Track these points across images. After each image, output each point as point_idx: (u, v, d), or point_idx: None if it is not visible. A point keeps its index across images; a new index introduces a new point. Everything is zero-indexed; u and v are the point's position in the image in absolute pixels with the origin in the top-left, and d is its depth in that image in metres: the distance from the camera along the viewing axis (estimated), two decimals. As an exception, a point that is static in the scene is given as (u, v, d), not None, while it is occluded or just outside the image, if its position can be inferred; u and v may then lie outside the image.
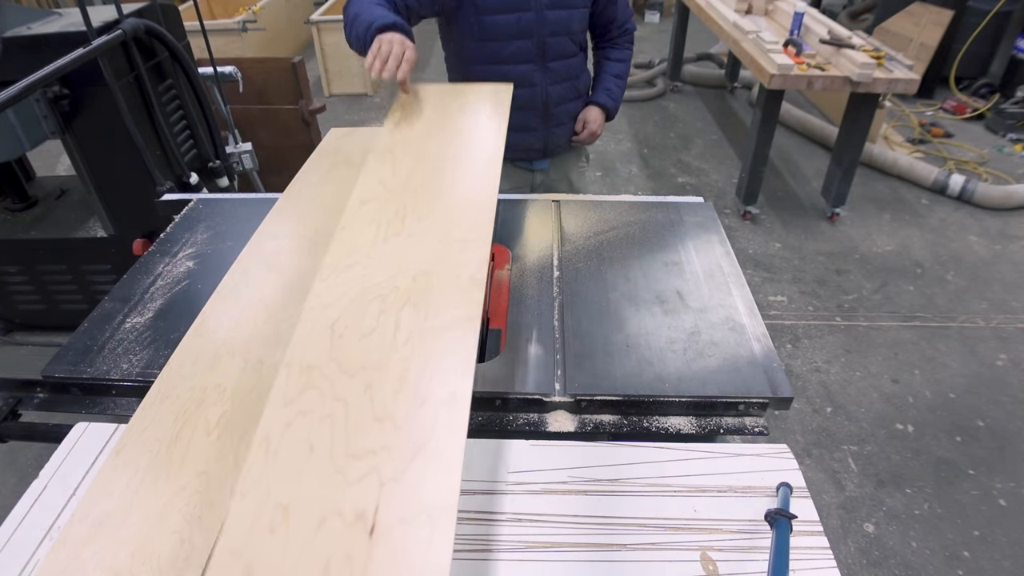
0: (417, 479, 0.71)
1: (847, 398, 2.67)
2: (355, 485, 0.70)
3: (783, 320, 3.10)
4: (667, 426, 1.14)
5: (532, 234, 1.60)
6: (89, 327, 1.35)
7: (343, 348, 0.87)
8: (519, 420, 1.15)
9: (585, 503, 0.97)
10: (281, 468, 0.73)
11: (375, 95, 5.83)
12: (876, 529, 2.18)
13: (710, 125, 5.05)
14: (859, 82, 3.12)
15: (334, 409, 0.78)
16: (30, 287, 2.42)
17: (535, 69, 1.86)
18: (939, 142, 4.58)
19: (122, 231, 2.21)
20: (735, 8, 4.07)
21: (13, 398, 1.28)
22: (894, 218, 3.84)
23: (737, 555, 0.90)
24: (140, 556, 0.90)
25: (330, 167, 1.85)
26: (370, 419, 0.77)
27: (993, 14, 4.83)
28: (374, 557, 0.64)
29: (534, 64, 1.85)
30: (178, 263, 1.54)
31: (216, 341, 1.25)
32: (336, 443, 0.75)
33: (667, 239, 1.57)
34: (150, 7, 2.09)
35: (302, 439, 0.75)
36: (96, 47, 1.77)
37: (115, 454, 1.04)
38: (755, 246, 3.64)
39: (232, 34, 5.31)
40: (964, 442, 2.47)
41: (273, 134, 3.21)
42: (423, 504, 0.68)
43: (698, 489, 0.99)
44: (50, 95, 1.93)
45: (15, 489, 2.34)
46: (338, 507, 0.69)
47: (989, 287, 3.27)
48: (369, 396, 0.80)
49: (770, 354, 1.21)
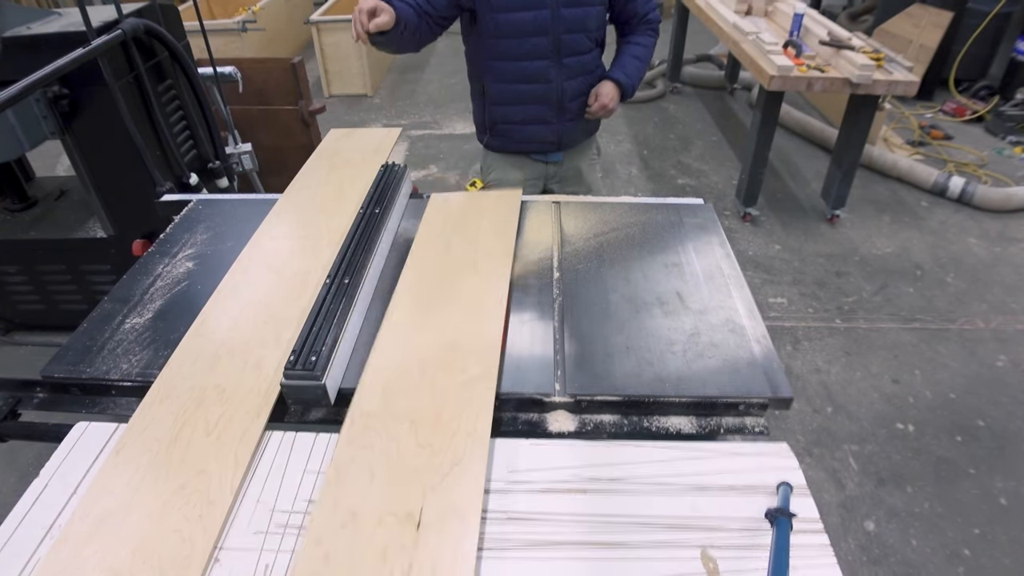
0: (451, 488, 0.95)
1: (847, 398, 2.67)
2: (405, 493, 0.95)
3: (783, 322, 3.10)
4: (667, 426, 1.14)
5: (532, 235, 1.60)
6: (89, 327, 1.35)
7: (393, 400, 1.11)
8: (519, 420, 1.15)
9: (585, 502, 0.97)
10: (350, 486, 0.97)
11: (374, 96, 5.84)
12: (876, 527, 2.18)
13: (710, 127, 5.06)
14: (859, 84, 3.12)
15: (388, 444, 1.03)
16: (30, 287, 2.42)
17: (550, 65, 1.90)
18: (939, 144, 4.58)
19: (122, 231, 2.21)
20: (735, 9, 4.07)
21: (13, 398, 1.28)
22: (894, 220, 3.84)
23: (737, 553, 0.90)
24: (140, 554, 0.90)
25: (330, 168, 1.85)
26: (415, 447, 1.02)
27: (993, 16, 4.84)
28: (420, 545, 0.88)
29: (549, 60, 1.89)
30: (178, 264, 1.54)
31: (216, 341, 1.25)
32: (391, 466, 0.99)
33: (667, 241, 1.57)
34: (150, 7, 2.09)
35: (365, 466, 1.00)
36: (96, 47, 1.77)
37: (115, 453, 1.04)
38: (755, 248, 3.64)
39: (232, 34, 5.31)
40: (964, 442, 2.47)
41: (273, 135, 3.21)
42: (455, 506, 0.93)
43: (698, 488, 0.99)
44: (50, 95, 1.93)
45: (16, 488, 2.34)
46: (392, 510, 0.93)
47: (989, 289, 3.27)
48: (414, 432, 1.05)
49: (770, 355, 1.21)
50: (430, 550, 0.87)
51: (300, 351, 1.14)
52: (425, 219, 1.63)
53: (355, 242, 1.44)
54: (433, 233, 1.57)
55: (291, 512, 0.97)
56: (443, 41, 7.06)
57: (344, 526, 0.90)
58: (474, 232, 1.56)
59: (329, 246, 1.49)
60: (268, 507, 0.97)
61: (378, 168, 1.76)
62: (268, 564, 0.89)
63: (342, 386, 1.18)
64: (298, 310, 1.30)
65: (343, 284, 1.31)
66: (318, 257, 1.46)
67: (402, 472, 0.98)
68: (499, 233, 1.56)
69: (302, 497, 0.99)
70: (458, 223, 1.60)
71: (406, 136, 5.04)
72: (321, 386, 1.12)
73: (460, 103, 5.55)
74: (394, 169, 1.76)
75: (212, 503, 0.96)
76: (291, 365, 1.12)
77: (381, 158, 1.83)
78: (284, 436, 1.09)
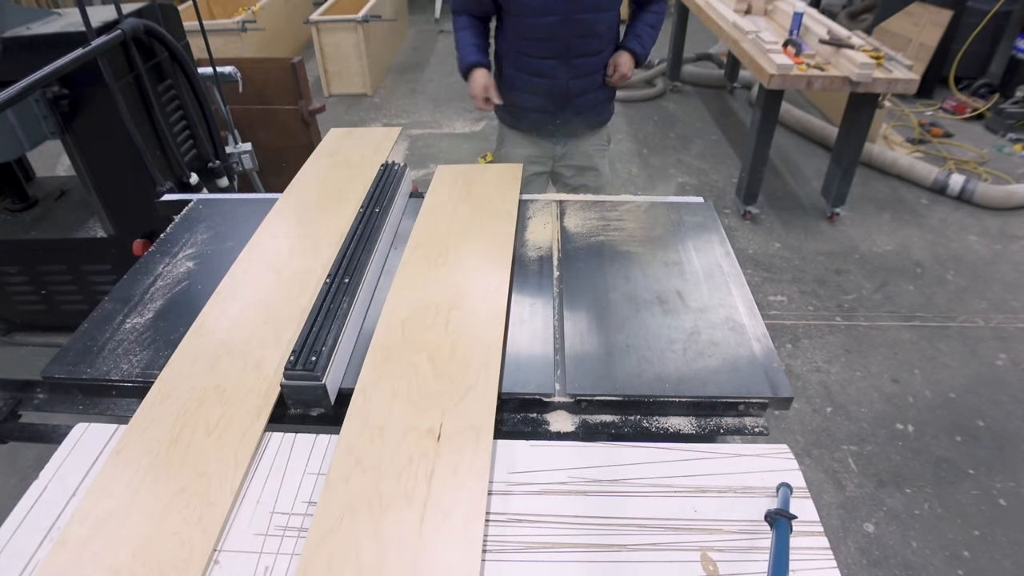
0: (466, 408, 1.07)
1: (847, 398, 2.67)
2: (426, 413, 1.07)
3: (783, 320, 3.10)
4: (667, 426, 1.14)
5: (533, 233, 1.60)
6: (89, 327, 1.35)
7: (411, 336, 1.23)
8: (519, 420, 1.15)
9: (585, 503, 0.97)
10: (376, 405, 1.09)
11: (374, 95, 5.83)
12: (876, 529, 2.18)
13: (710, 125, 5.05)
14: (858, 82, 3.12)
15: (408, 370, 1.15)
16: (30, 287, 2.41)
17: (559, 64, 2.05)
18: (939, 142, 4.58)
19: (122, 231, 2.21)
20: (734, 8, 4.07)
21: (13, 399, 1.28)
22: (894, 218, 3.84)
23: (737, 555, 0.90)
24: (140, 556, 0.90)
25: (330, 167, 1.85)
26: (433, 375, 1.14)
27: (992, 14, 4.83)
28: (440, 453, 1.00)
29: (558, 60, 2.04)
30: (178, 263, 1.54)
31: (216, 341, 1.25)
32: (411, 389, 1.11)
33: (667, 239, 1.57)
34: (149, 7, 2.09)
35: (388, 387, 1.12)
36: (96, 47, 1.76)
37: (115, 455, 1.04)
38: (755, 246, 3.64)
39: (232, 34, 5.31)
40: (964, 442, 2.47)
41: (273, 134, 3.20)
42: (470, 423, 1.05)
43: (698, 489, 0.99)
44: (50, 95, 1.92)
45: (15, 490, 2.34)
46: (415, 425, 1.05)
47: (989, 287, 3.27)
48: (431, 363, 1.16)
49: (770, 354, 1.21)
50: (450, 457, 0.99)
51: (300, 351, 1.13)
52: (432, 188, 1.74)
53: (355, 241, 1.44)
54: (441, 198, 1.68)
55: (291, 514, 0.97)
56: (443, 41, 7.09)
57: (372, 440, 1.02)
58: (479, 197, 1.68)
59: (329, 246, 1.49)
60: (268, 508, 0.97)
61: (378, 167, 1.76)
62: (268, 566, 0.89)
63: (342, 386, 1.18)
64: (298, 310, 1.30)
65: (343, 284, 1.31)
66: (318, 257, 1.46)
67: (422, 396, 1.09)
68: (503, 198, 1.67)
69: (302, 499, 0.99)
70: (463, 190, 1.72)
71: (406, 135, 5.03)
72: (321, 386, 1.12)
73: (460, 102, 5.55)
74: (394, 168, 1.76)
75: (212, 504, 0.96)
76: (291, 365, 1.12)
77: (381, 157, 1.83)
78: (284, 437, 1.09)
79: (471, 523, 0.91)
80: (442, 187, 1.73)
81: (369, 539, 0.89)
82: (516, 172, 1.80)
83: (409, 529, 0.90)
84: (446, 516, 0.91)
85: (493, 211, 1.61)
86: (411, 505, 0.93)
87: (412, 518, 0.91)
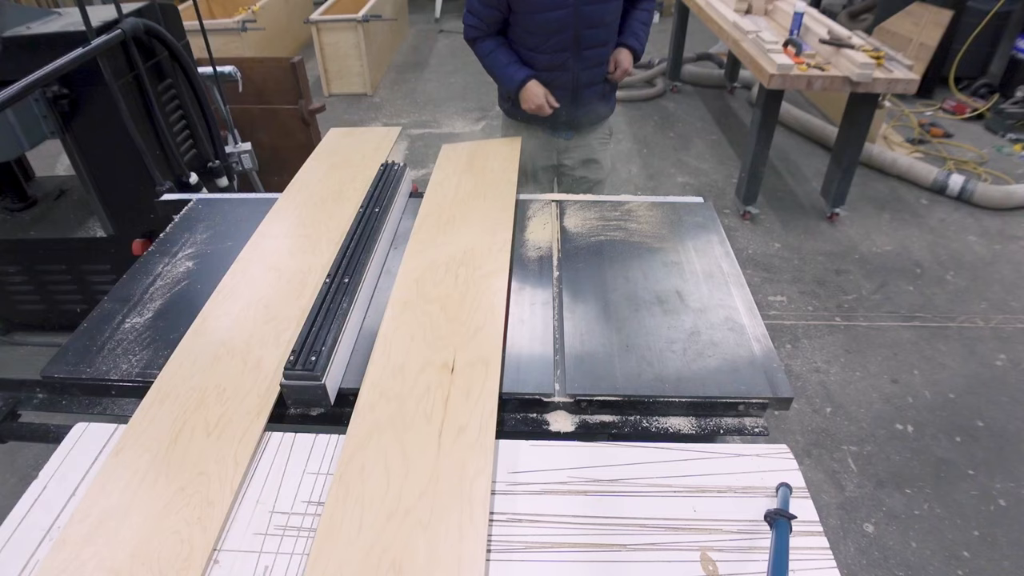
0: (476, 345, 1.21)
1: (847, 398, 2.67)
2: (440, 351, 1.21)
3: (783, 320, 3.10)
4: (667, 426, 1.14)
5: (533, 234, 1.60)
6: (89, 327, 1.35)
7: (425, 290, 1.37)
8: (519, 420, 1.15)
9: (585, 503, 0.97)
10: (396, 348, 1.22)
11: (374, 95, 5.83)
12: (876, 529, 2.18)
13: (710, 125, 5.05)
14: (859, 82, 3.12)
15: (423, 318, 1.29)
16: (30, 287, 2.41)
17: (570, 56, 2.09)
18: (938, 142, 4.58)
19: (122, 231, 2.21)
20: (735, 8, 4.06)
21: (13, 398, 1.28)
22: (893, 218, 3.84)
23: (737, 555, 0.90)
24: (140, 556, 0.90)
25: (329, 167, 1.85)
26: (445, 321, 1.28)
27: (992, 14, 4.83)
28: (455, 383, 1.14)
29: (569, 52, 2.08)
30: (177, 263, 1.54)
31: (215, 341, 1.25)
32: (427, 333, 1.25)
33: (667, 239, 1.57)
34: (149, 7, 2.09)
35: (406, 333, 1.26)
36: (96, 47, 1.76)
37: (115, 454, 1.04)
38: (755, 246, 3.64)
39: (232, 34, 5.31)
40: (964, 442, 2.47)
41: (273, 134, 3.20)
42: (480, 356, 1.19)
43: (698, 489, 0.99)
44: (49, 95, 1.92)
45: (15, 489, 2.34)
46: (431, 361, 1.18)
47: (988, 287, 3.27)
48: (444, 311, 1.30)
49: (770, 354, 1.21)
50: (463, 383, 1.13)
51: (300, 351, 1.13)
52: (438, 165, 1.88)
53: (355, 241, 1.44)
54: (446, 173, 1.83)
55: (290, 513, 0.97)
56: (443, 41, 7.09)
57: (394, 375, 1.16)
58: (481, 170, 1.84)
59: (329, 245, 1.49)
60: (267, 508, 0.97)
61: (378, 167, 1.76)
62: (267, 565, 0.89)
63: (342, 386, 1.18)
64: (298, 309, 1.30)
65: (343, 283, 1.31)
66: (318, 256, 1.46)
67: (436, 337, 1.23)
68: (503, 168, 1.82)
69: (301, 498, 0.99)
70: (467, 165, 1.87)
71: (406, 135, 5.03)
72: (321, 386, 1.12)
73: (460, 102, 5.55)
74: (393, 168, 1.76)
75: (211, 504, 0.96)
76: (291, 365, 1.12)
77: (381, 157, 1.83)
78: (284, 437, 1.09)
79: (483, 434, 1.04)
80: (447, 163, 1.88)
81: (395, 450, 1.02)
82: (516, 144, 1.97)
83: (429, 441, 1.03)
84: (461, 430, 1.05)
85: (495, 180, 1.76)
86: (430, 423, 1.06)
87: (431, 432, 1.05)
